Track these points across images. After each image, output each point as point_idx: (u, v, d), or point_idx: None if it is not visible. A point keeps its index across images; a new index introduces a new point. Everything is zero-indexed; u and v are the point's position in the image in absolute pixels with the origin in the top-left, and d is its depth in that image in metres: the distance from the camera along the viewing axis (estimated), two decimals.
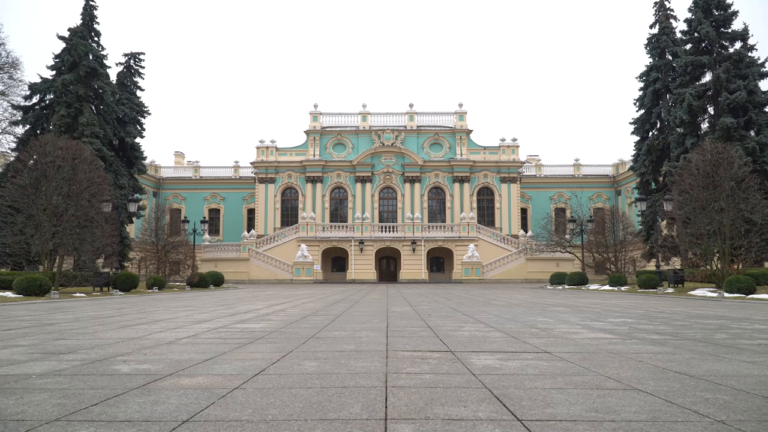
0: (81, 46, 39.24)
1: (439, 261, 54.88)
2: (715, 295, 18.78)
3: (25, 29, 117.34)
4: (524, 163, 60.32)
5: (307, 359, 4.97)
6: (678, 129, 39.41)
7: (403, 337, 6.68)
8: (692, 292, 20.86)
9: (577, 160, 64.93)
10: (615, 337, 6.85)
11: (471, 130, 59.08)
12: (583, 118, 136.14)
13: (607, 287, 28.60)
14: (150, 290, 26.47)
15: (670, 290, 23.37)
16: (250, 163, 59.46)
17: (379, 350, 5.50)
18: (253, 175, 59.90)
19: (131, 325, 8.44)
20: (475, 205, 57.43)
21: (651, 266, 41.03)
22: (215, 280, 34.92)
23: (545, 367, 4.57)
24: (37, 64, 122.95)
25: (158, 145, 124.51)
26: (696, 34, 38.96)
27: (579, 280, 33.09)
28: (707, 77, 38.95)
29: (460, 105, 59.50)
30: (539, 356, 5.19)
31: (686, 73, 39.06)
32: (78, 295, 20.39)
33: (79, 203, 22.50)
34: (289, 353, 5.36)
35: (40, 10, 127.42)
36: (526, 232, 53.84)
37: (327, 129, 59.33)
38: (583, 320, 9.37)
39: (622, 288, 27.12)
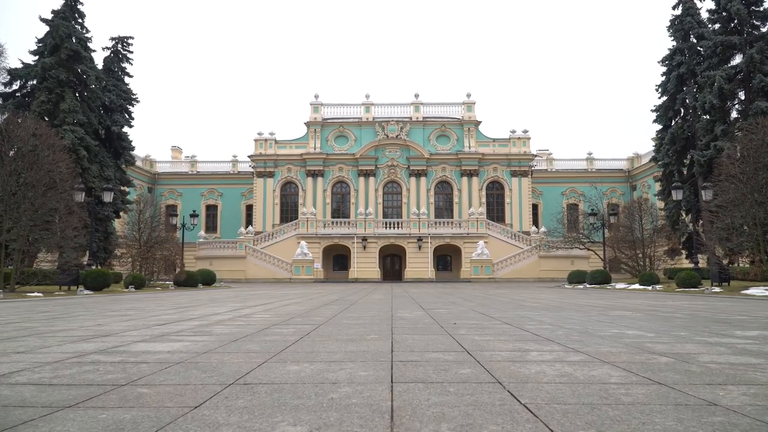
0: (63, 27, 36.50)
1: (446, 259, 51.85)
2: None
3: (16, 16, 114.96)
4: (535, 156, 57.23)
5: None
6: (705, 116, 36.50)
7: (427, 385, 3.29)
8: (746, 292, 17.88)
9: (590, 154, 61.92)
10: None
11: (480, 122, 56.05)
12: (594, 112, 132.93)
13: (636, 286, 25.62)
14: (126, 290, 23.68)
15: (717, 289, 20.41)
16: (248, 157, 56.63)
17: None
18: (252, 170, 57.10)
19: None
20: (484, 200, 54.41)
21: (679, 264, 38.00)
22: (205, 279, 32.18)
23: None
24: (26, 51, 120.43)
25: (155, 139, 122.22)
26: (725, 13, 36.08)
27: (602, 278, 30.23)
28: (737, 59, 36.05)
29: (468, 95, 56.49)
30: None
31: (715, 55, 36.14)
32: (33, 294, 17.62)
33: (39, 191, 19.71)
34: None
35: None
36: (538, 228, 50.79)
37: (328, 120, 56.40)
38: (696, 334, 6.11)
39: (657, 287, 24.12)
